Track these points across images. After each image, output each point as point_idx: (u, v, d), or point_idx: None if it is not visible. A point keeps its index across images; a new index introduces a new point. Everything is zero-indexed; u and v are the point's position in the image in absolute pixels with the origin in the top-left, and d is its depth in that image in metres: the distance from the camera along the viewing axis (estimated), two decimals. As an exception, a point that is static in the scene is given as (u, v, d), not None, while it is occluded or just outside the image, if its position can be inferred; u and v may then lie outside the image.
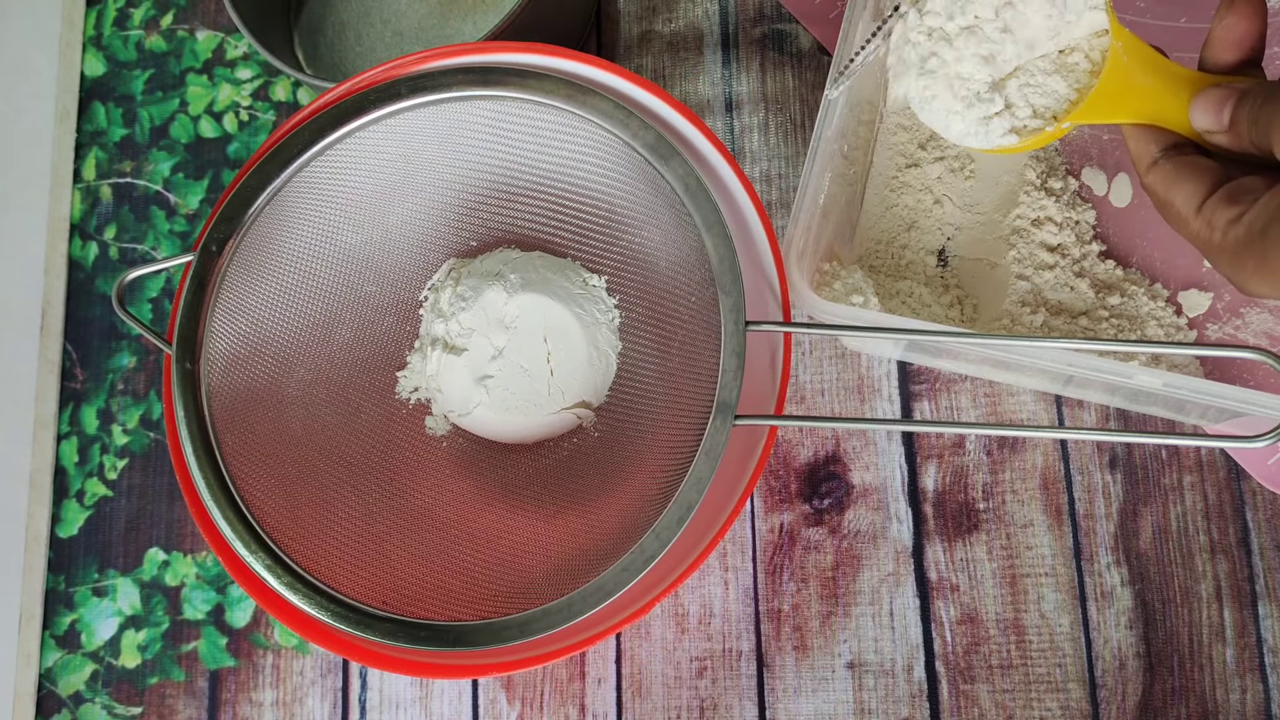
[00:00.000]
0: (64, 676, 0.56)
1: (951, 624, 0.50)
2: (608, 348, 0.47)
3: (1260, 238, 0.28)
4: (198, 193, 0.61)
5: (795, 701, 0.50)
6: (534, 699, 0.52)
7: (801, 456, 0.53)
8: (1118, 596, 0.49)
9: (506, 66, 0.44)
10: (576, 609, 0.38)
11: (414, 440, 0.47)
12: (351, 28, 0.60)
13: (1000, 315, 0.50)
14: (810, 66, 0.58)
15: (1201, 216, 0.31)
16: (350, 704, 0.53)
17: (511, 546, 0.44)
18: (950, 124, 0.36)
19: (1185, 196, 0.31)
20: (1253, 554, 0.49)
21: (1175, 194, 0.31)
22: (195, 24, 0.64)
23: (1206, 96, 0.31)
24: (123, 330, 0.60)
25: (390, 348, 0.48)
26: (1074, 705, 0.48)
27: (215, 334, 0.42)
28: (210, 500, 0.40)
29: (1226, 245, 0.30)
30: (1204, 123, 0.31)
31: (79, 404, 0.59)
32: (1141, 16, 0.54)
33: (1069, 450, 0.51)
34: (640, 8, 0.60)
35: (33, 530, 0.56)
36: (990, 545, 0.51)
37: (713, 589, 0.52)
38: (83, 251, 0.61)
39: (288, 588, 0.39)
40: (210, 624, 0.55)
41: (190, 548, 0.56)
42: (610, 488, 0.44)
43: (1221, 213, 0.30)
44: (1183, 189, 0.31)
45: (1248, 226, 0.29)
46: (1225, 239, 0.30)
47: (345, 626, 0.39)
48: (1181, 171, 0.31)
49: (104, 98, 0.64)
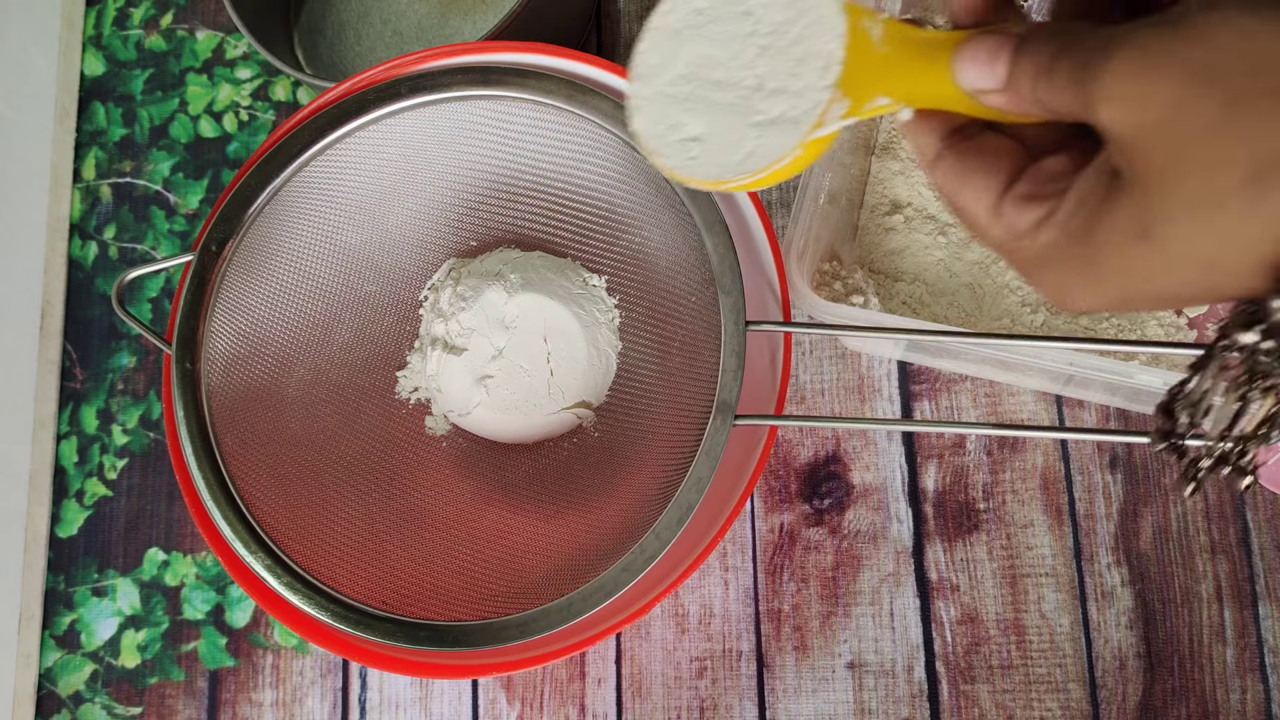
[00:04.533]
0: (64, 676, 0.56)
1: (952, 624, 0.50)
2: (608, 348, 0.47)
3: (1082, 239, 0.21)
4: (197, 193, 0.61)
5: (795, 702, 0.50)
6: (534, 699, 0.52)
7: (802, 456, 0.53)
8: (1118, 596, 0.49)
9: (506, 66, 0.44)
10: (576, 609, 0.38)
11: (414, 440, 0.47)
12: (351, 27, 0.60)
13: (1000, 315, 0.50)
14: (810, 66, 0.58)
15: (1001, 220, 0.23)
16: (350, 704, 0.53)
17: (511, 547, 0.44)
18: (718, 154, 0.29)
19: (975, 195, 0.24)
20: (1253, 554, 0.49)
21: (963, 194, 0.24)
22: (195, 24, 0.64)
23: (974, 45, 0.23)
24: (122, 330, 0.60)
25: (390, 348, 0.48)
26: (1074, 705, 0.48)
27: (215, 334, 0.42)
28: (210, 500, 0.40)
29: (1038, 255, 0.23)
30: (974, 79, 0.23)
31: (79, 404, 0.59)
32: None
33: (1069, 450, 0.51)
34: (640, 7, 0.60)
35: (32, 530, 0.56)
36: (990, 545, 0.51)
37: (713, 589, 0.52)
38: (82, 251, 0.61)
39: (288, 588, 0.39)
40: (210, 624, 0.55)
41: (190, 548, 0.56)
42: (610, 488, 0.44)
43: (1025, 213, 0.23)
44: (971, 185, 0.24)
45: (1061, 228, 0.22)
46: (1035, 247, 0.23)
47: (345, 626, 0.39)
48: (968, 162, 0.24)
49: (104, 97, 0.64)
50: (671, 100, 0.26)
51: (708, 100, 0.25)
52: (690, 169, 0.25)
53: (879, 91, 0.24)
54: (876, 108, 0.24)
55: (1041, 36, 0.22)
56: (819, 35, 0.24)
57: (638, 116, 0.26)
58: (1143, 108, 0.20)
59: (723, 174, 0.25)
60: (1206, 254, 0.19)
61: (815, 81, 0.24)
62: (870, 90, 0.24)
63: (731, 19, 0.25)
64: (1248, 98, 0.18)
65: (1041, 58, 0.22)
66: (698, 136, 0.25)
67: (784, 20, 0.24)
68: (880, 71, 0.24)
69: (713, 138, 0.25)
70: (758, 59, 0.25)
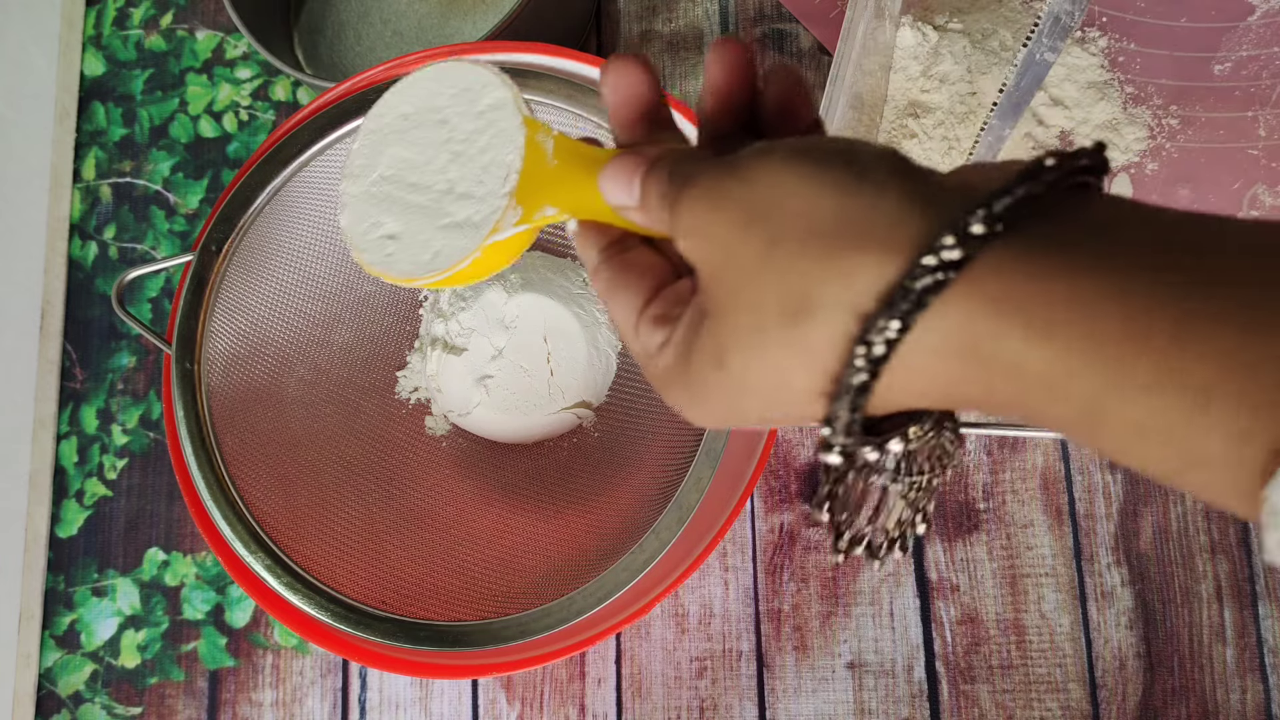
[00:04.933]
0: (64, 676, 0.56)
1: (952, 624, 0.50)
2: (608, 348, 0.47)
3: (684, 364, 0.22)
4: (197, 192, 0.61)
5: (795, 701, 0.50)
6: (534, 699, 0.52)
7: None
8: (1118, 596, 0.49)
9: (506, 66, 0.44)
10: (576, 609, 0.38)
11: (414, 440, 0.47)
12: (351, 28, 0.60)
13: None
14: (810, 66, 0.58)
15: (638, 338, 0.24)
16: (350, 704, 0.53)
17: (511, 547, 0.44)
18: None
19: (621, 309, 0.24)
20: (1253, 554, 0.49)
21: (613, 306, 0.24)
22: (195, 24, 0.64)
23: (615, 164, 0.24)
24: (122, 330, 0.60)
25: (390, 348, 0.48)
26: (1074, 705, 0.48)
27: (215, 334, 0.42)
28: (210, 500, 0.40)
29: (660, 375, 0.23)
30: (613, 197, 0.24)
31: (79, 404, 0.59)
32: (1142, 16, 0.54)
33: (1069, 450, 0.51)
34: (640, 7, 0.60)
35: (32, 530, 0.56)
36: (990, 545, 0.51)
37: (713, 589, 0.52)
38: (82, 251, 0.61)
39: (288, 588, 0.39)
40: (210, 624, 0.55)
41: (190, 548, 0.56)
42: (610, 488, 0.44)
43: (654, 334, 0.23)
44: (618, 300, 0.24)
45: (673, 351, 0.22)
46: (658, 368, 0.23)
47: (345, 626, 0.39)
48: (617, 276, 0.25)
49: (104, 97, 0.64)
50: (374, 200, 0.27)
51: (404, 201, 0.26)
52: (386, 265, 0.26)
53: (547, 201, 0.25)
54: (545, 217, 0.26)
55: (664, 161, 0.23)
56: (502, 146, 0.25)
57: (344, 213, 0.27)
58: (707, 244, 0.21)
59: (414, 272, 0.26)
60: (768, 383, 0.20)
61: (496, 189, 0.25)
62: (540, 200, 0.25)
63: (431, 126, 0.27)
64: (782, 240, 0.19)
65: (660, 183, 0.23)
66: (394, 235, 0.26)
67: (474, 130, 0.26)
68: (549, 183, 0.25)
69: (406, 236, 0.26)
70: (450, 165, 0.26)
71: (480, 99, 0.26)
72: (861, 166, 0.19)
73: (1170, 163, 0.52)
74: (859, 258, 0.19)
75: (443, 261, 0.25)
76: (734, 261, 0.20)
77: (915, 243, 0.18)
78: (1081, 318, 0.17)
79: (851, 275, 0.19)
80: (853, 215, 0.19)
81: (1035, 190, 0.18)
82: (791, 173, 0.20)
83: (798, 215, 0.19)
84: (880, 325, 0.18)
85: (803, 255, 0.19)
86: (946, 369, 0.19)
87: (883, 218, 0.19)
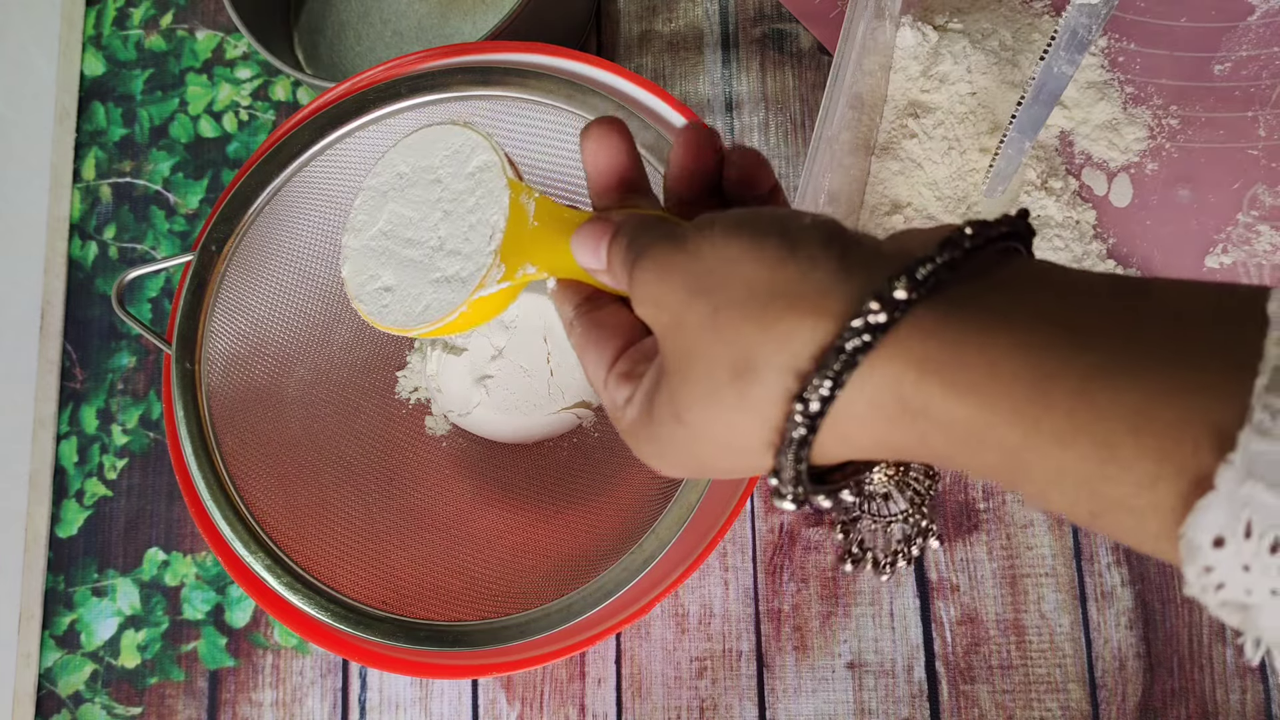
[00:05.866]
0: (64, 676, 0.56)
1: (952, 624, 0.50)
2: (608, 348, 0.47)
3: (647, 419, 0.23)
4: (197, 192, 0.61)
5: (795, 702, 0.50)
6: (534, 699, 0.52)
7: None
8: (1118, 596, 0.49)
9: (506, 66, 0.44)
10: (576, 609, 0.38)
11: (414, 440, 0.47)
12: (351, 27, 0.60)
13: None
14: (810, 66, 0.58)
15: (607, 393, 0.25)
16: (350, 704, 0.53)
17: (511, 547, 0.44)
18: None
19: (592, 365, 0.26)
20: (1253, 554, 0.49)
21: (585, 362, 0.26)
22: (195, 23, 0.64)
23: (584, 230, 0.26)
24: (122, 330, 0.60)
25: (390, 348, 0.48)
26: (1074, 706, 0.48)
27: (215, 334, 0.42)
28: (210, 500, 0.40)
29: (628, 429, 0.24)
30: (583, 259, 0.26)
31: (78, 404, 0.59)
32: (1142, 16, 0.54)
33: (1069, 450, 0.51)
34: (640, 7, 0.60)
35: (32, 530, 0.56)
36: (990, 545, 0.51)
37: (713, 589, 0.52)
38: (82, 251, 0.61)
39: (287, 588, 0.39)
40: (210, 624, 0.55)
41: (190, 548, 0.56)
42: (610, 488, 0.44)
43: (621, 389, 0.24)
44: (590, 356, 0.26)
45: (638, 406, 0.24)
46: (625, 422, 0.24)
47: (345, 626, 0.39)
48: (589, 333, 0.26)
49: (104, 97, 0.64)
50: (372, 253, 0.29)
51: (399, 256, 0.28)
52: (382, 316, 0.28)
53: (527, 260, 0.27)
54: (526, 275, 0.27)
55: (625, 229, 0.25)
56: (490, 206, 0.27)
57: (346, 265, 0.29)
58: (659, 310, 0.23)
59: (407, 323, 0.28)
60: (723, 437, 0.22)
61: (482, 246, 0.27)
62: (521, 259, 0.27)
63: (425, 185, 0.28)
64: (725, 307, 0.21)
65: (620, 250, 0.24)
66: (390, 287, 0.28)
67: (464, 189, 0.28)
68: (530, 243, 0.27)
69: (401, 289, 0.28)
70: (442, 222, 0.28)
71: (470, 160, 0.28)
72: (794, 238, 0.21)
73: (1170, 163, 0.52)
74: (794, 321, 0.20)
75: (432, 314, 0.27)
76: (684, 327, 0.22)
77: (845, 307, 0.19)
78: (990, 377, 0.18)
79: (788, 338, 0.20)
80: (787, 283, 0.20)
81: (955, 256, 0.19)
82: (732, 245, 0.21)
83: (738, 284, 0.21)
84: (815, 384, 0.20)
85: (745, 320, 0.21)
86: (882, 423, 0.20)
87: (814, 285, 0.20)
